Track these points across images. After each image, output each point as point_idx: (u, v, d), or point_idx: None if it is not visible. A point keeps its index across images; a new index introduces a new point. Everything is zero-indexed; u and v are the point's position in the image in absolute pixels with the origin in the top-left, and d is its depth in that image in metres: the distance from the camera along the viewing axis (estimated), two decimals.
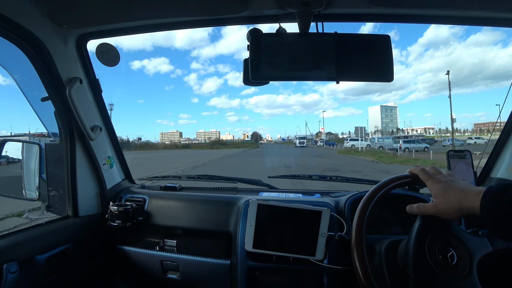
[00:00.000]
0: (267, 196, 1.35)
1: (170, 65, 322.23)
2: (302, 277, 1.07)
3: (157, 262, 1.24)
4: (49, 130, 1.26)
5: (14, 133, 26.44)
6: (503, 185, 0.58)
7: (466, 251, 0.71)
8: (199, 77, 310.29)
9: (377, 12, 1.00)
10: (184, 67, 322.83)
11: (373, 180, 1.41)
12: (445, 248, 0.72)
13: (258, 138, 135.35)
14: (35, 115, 1.20)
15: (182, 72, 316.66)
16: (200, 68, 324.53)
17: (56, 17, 1.00)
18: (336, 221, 1.09)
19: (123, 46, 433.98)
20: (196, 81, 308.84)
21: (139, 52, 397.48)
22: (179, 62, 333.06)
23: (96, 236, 1.28)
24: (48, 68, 1.08)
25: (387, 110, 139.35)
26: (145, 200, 1.35)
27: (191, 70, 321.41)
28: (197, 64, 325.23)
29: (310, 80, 0.87)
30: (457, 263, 0.70)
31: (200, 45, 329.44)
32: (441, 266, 0.69)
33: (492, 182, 1.27)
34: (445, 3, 0.95)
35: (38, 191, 1.27)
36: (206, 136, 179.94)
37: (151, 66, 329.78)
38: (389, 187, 0.82)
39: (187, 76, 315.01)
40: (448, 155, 1.24)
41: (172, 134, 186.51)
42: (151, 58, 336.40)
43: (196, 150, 48.67)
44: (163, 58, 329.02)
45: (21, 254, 0.96)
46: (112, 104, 50.62)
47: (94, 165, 1.32)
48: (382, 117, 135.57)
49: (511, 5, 0.93)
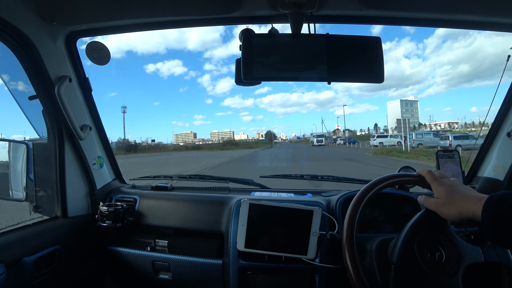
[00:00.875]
0: (259, 195, 1.35)
1: (183, 67, 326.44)
2: (294, 276, 1.08)
3: (148, 262, 1.23)
4: (36, 129, 1.23)
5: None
6: (505, 193, 0.60)
7: (456, 254, 0.73)
8: (212, 78, 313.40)
9: (369, 14, 1.01)
10: (198, 69, 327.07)
11: (364, 180, 1.43)
12: (435, 247, 0.73)
13: (272, 137, 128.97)
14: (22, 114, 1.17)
15: (196, 73, 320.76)
16: (213, 69, 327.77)
17: (44, 14, 0.98)
18: (327, 220, 1.10)
19: (138, 50, 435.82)
20: (209, 82, 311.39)
21: (153, 56, 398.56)
22: (192, 64, 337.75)
23: (86, 237, 1.26)
24: (36, 66, 1.06)
25: (407, 104, 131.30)
26: (136, 200, 1.34)
27: (204, 72, 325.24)
28: (210, 65, 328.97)
29: (302, 81, 0.88)
30: (444, 263, 0.72)
31: (212, 46, 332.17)
32: (428, 263, 0.71)
33: (479, 181, 1.30)
34: (435, 7, 0.97)
35: (26, 192, 1.24)
36: (220, 137, 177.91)
37: (165, 69, 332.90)
38: (380, 186, 0.83)
39: (201, 78, 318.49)
40: (437, 155, 1.27)
41: (186, 135, 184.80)
42: (164, 61, 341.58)
43: (205, 152, 43.68)
44: (176, 60, 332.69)
45: (8, 256, 0.94)
46: (125, 106, 49.82)
47: (83, 165, 1.30)
48: (402, 112, 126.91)
49: (498, 9, 0.96)
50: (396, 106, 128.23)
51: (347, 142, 44.40)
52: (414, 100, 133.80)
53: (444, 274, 0.70)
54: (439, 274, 0.70)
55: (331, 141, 53.62)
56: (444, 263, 0.72)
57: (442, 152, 1.27)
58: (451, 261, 0.72)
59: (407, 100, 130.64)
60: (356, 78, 0.88)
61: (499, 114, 1.22)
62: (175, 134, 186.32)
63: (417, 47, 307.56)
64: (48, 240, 1.09)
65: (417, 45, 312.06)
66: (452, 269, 0.71)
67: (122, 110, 50.79)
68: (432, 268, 0.71)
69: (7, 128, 34.85)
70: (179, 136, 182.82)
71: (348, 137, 57.33)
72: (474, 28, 1.07)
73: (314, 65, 0.86)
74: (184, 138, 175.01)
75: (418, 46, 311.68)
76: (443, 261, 0.72)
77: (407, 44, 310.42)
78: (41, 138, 1.23)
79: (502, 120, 1.22)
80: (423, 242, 0.74)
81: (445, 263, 0.72)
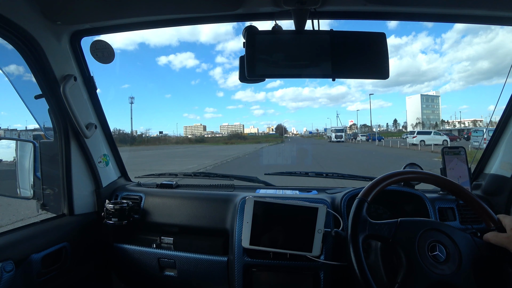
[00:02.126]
0: (263, 193, 1.35)
1: (195, 59, 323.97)
2: (298, 273, 1.08)
3: (154, 259, 1.24)
4: (43, 128, 1.25)
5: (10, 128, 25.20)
6: None
7: (457, 252, 0.73)
8: (224, 71, 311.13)
9: (373, 10, 1.00)
10: (210, 61, 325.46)
11: (368, 177, 1.43)
12: (436, 245, 0.74)
13: (283, 131, 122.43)
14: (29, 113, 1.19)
15: (208, 66, 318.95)
16: (225, 62, 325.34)
17: (49, 13, 0.99)
18: (332, 218, 1.10)
19: (150, 42, 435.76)
20: (221, 75, 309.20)
21: (165, 48, 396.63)
22: (205, 57, 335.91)
23: (92, 234, 1.28)
24: (41, 65, 1.07)
25: (427, 99, 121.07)
26: (141, 198, 1.35)
27: (216, 64, 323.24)
28: (222, 58, 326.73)
29: (306, 77, 0.87)
30: (445, 261, 0.72)
31: (225, 38, 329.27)
32: (428, 261, 0.72)
33: (485, 178, 1.29)
34: (440, 1, 0.96)
35: (33, 190, 1.26)
36: (230, 130, 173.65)
37: (177, 61, 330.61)
38: (385, 183, 0.83)
39: (212, 70, 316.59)
40: (443, 152, 1.26)
41: (196, 127, 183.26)
42: (177, 54, 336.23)
43: (208, 146, 39.76)
44: (188, 53, 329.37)
45: (17, 253, 0.96)
46: (133, 97, 49.57)
47: (89, 163, 1.31)
48: (422, 107, 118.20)
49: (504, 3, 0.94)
50: (416, 102, 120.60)
51: (371, 139, 37.80)
52: (435, 95, 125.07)
53: (447, 272, 0.70)
54: (443, 273, 0.70)
55: (350, 136, 46.82)
56: (445, 261, 0.72)
57: (448, 149, 1.25)
58: (452, 260, 0.72)
59: (428, 95, 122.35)
60: (360, 75, 0.87)
61: (506, 110, 1.21)
62: (184, 126, 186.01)
63: (434, 42, 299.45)
64: (55, 238, 1.11)
65: (434, 39, 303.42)
66: (453, 266, 0.71)
67: (130, 100, 50.56)
68: (432, 266, 0.71)
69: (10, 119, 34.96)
70: (188, 128, 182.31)
71: (372, 133, 47.85)
72: (479, 23, 1.05)
73: (318, 62, 0.85)
74: (194, 131, 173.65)
75: (435, 41, 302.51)
76: (444, 259, 0.72)
77: (424, 38, 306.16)
78: (46, 136, 1.24)
79: (509, 117, 1.20)
80: (424, 242, 0.74)
81: (446, 261, 0.72)
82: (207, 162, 13.27)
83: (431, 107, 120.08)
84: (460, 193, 0.83)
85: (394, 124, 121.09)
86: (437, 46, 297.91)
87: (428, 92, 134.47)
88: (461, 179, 1.22)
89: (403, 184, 1.25)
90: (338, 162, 13.02)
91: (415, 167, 1.22)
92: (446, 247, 0.74)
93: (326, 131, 77.98)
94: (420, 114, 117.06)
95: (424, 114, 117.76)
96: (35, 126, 2.65)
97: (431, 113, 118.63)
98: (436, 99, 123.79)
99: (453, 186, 0.84)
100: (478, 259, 0.72)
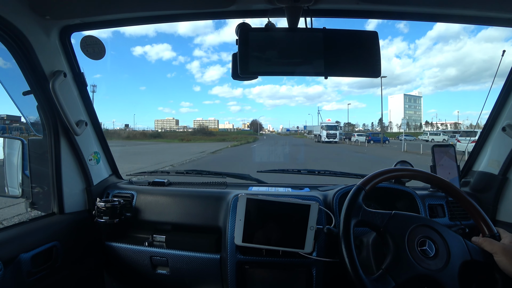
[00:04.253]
0: (256, 190, 1.35)
1: (172, 51, 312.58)
2: (291, 270, 1.09)
3: (146, 257, 1.23)
4: (31, 125, 1.22)
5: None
6: None
7: (446, 249, 0.74)
8: (201, 65, 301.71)
9: (366, 8, 1.00)
10: (187, 54, 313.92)
11: (360, 174, 1.44)
12: (426, 241, 0.75)
13: (258, 127, 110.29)
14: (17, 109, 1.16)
15: (185, 59, 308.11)
16: (203, 55, 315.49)
17: (37, 7, 0.97)
18: (324, 215, 1.11)
19: (125, 31, 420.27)
20: (198, 69, 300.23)
21: (142, 38, 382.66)
22: (182, 49, 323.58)
23: (83, 233, 1.26)
24: (30, 61, 1.04)
25: (410, 100, 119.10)
26: (133, 196, 1.34)
27: (193, 58, 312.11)
28: (200, 51, 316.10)
29: (298, 75, 0.88)
30: (434, 257, 0.74)
31: (204, 32, 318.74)
32: (418, 257, 0.73)
33: (474, 175, 1.31)
34: (432, 1, 0.97)
35: (22, 188, 1.23)
36: (205, 125, 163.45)
37: (153, 52, 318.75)
38: (383, 177, 0.85)
39: (190, 64, 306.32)
40: (433, 150, 1.28)
41: (168, 121, 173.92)
42: (153, 44, 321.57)
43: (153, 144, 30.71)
44: (165, 44, 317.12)
45: (5, 253, 0.94)
46: (95, 85, 44.50)
47: (80, 161, 1.29)
48: (405, 107, 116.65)
49: (494, 3, 0.96)
50: (398, 101, 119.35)
51: (373, 140, 30.56)
52: (418, 95, 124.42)
53: (433, 268, 0.72)
54: (428, 268, 0.71)
55: (341, 136, 35.01)
56: (433, 257, 0.73)
57: (438, 147, 1.28)
58: (440, 257, 0.73)
59: (411, 96, 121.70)
60: (352, 73, 0.87)
61: (494, 109, 1.23)
62: (155, 120, 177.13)
63: (408, 47, 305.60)
64: (45, 237, 1.09)
65: (409, 45, 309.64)
66: (439, 263, 0.72)
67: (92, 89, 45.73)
68: (420, 259, 0.72)
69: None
70: (159, 122, 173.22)
71: (373, 133, 39.29)
72: (470, 23, 1.07)
73: (311, 60, 0.86)
74: (165, 125, 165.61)
75: (410, 46, 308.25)
76: (433, 255, 0.73)
77: (399, 43, 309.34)
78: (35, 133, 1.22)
79: (497, 115, 1.23)
80: (414, 236, 0.76)
81: (434, 257, 0.73)
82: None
83: (413, 107, 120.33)
84: (450, 191, 0.85)
85: (379, 124, 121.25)
86: (411, 51, 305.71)
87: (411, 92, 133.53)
88: (450, 176, 1.24)
89: (394, 182, 1.27)
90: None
91: (406, 164, 1.24)
92: (436, 244, 0.75)
93: (307, 129, 70.53)
94: (403, 114, 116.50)
95: (406, 114, 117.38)
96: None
97: (413, 113, 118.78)
98: (418, 99, 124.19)
99: (444, 184, 0.85)
100: (467, 262, 0.74)
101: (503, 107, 1.20)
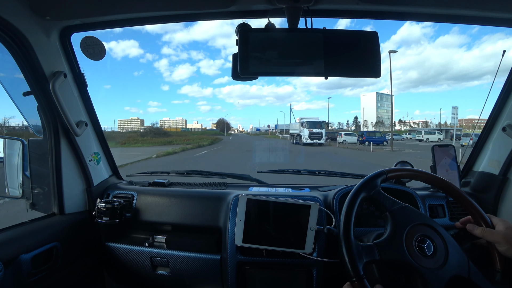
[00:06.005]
0: (256, 191, 1.35)
1: (139, 48, 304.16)
2: (291, 271, 1.08)
3: (146, 258, 1.23)
4: (32, 126, 1.22)
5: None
6: None
7: (444, 248, 0.74)
8: (170, 63, 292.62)
9: (366, 9, 1.01)
10: (155, 52, 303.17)
11: (360, 174, 1.44)
12: (424, 239, 0.75)
13: (225, 127, 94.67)
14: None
15: (153, 57, 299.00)
16: (172, 53, 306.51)
17: (38, 8, 0.97)
18: (324, 215, 1.11)
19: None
20: (167, 67, 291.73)
21: (107, 33, 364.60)
22: (150, 46, 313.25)
23: (83, 233, 1.26)
24: (30, 61, 1.04)
25: (382, 98, 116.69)
26: (133, 197, 1.34)
27: (162, 56, 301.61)
28: (168, 49, 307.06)
29: (298, 76, 0.88)
30: (432, 255, 0.73)
31: (173, 29, 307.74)
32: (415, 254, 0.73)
33: (474, 175, 1.31)
34: (432, 1, 0.97)
35: (22, 189, 1.23)
36: (172, 125, 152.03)
37: (119, 49, 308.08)
38: (401, 173, 0.85)
39: (158, 62, 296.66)
40: (433, 150, 1.28)
41: (132, 121, 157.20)
42: (119, 41, 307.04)
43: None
44: (132, 41, 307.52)
45: (5, 254, 0.94)
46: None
47: (80, 161, 1.29)
48: (377, 106, 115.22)
49: (494, 3, 0.96)
50: (371, 100, 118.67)
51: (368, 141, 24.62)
52: (389, 94, 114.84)
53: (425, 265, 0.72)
54: (426, 266, 0.71)
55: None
56: (429, 256, 0.73)
57: (438, 147, 1.27)
58: (437, 258, 0.73)
59: (383, 94, 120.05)
60: (352, 73, 0.87)
61: (494, 109, 1.23)
62: (119, 120, 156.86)
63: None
64: (45, 237, 1.09)
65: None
66: (434, 264, 0.72)
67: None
68: (418, 259, 0.72)
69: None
70: (123, 122, 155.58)
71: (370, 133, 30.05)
72: (470, 23, 1.07)
73: (311, 60, 0.86)
74: (129, 125, 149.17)
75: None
76: (429, 255, 0.73)
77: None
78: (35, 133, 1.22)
79: (497, 115, 1.23)
80: (416, 231, 0.76)
81: (430, 256, 0.73)
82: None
83: (385, 106, 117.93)
84: (451, 191, 0.84)
85: (354, 122, 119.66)
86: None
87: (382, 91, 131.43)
88: (450, 176, 1.24)
89: (395, 182, 1.26)
90: None
91: (406, 164, 1.24)
92: (436, 247, 0.74)
93: (278, 128, 60.61)
94: (376, 112, 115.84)
95: (379, 113, 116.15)
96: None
97: (385, 112, 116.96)
98: (389, 98, 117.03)
99: (445, 184, 0.85)
100: (461, 278, 0.72)
101: (503, 107, 1.20)
